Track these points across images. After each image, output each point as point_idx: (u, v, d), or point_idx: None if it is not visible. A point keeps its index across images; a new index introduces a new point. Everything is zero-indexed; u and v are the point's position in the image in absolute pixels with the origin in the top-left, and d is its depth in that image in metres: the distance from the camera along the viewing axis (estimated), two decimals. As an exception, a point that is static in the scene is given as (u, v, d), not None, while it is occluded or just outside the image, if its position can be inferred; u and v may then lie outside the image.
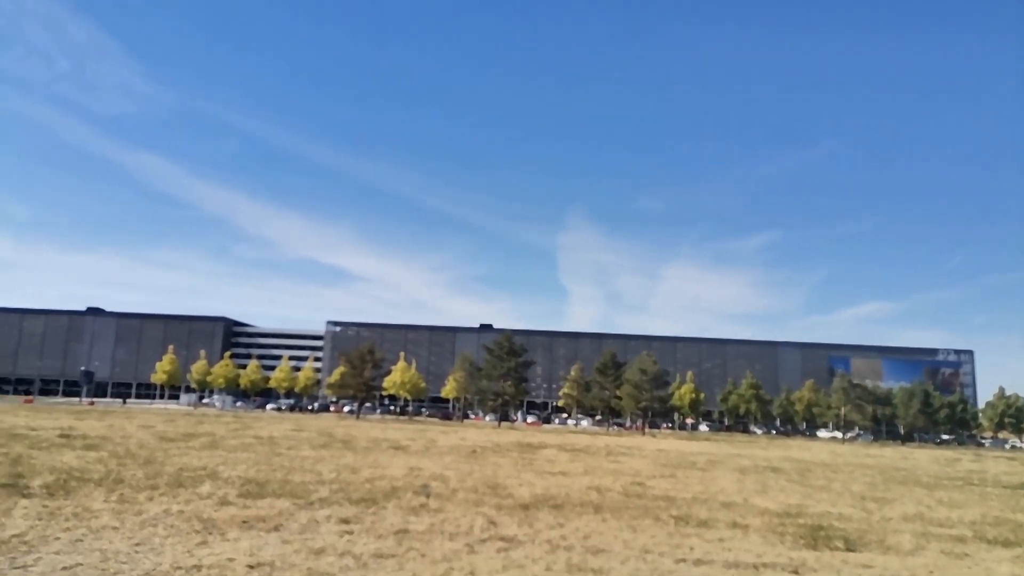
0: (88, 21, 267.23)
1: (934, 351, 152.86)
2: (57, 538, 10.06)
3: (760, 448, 56.14)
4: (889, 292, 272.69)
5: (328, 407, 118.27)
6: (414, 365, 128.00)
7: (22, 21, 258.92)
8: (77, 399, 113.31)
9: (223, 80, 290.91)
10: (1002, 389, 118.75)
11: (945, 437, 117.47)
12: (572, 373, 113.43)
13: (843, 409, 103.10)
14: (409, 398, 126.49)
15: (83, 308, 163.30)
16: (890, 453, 61.70)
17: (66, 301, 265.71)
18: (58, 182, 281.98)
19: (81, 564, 8.67)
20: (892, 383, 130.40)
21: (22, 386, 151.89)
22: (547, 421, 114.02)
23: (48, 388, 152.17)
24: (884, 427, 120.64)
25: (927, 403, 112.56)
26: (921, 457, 55.54)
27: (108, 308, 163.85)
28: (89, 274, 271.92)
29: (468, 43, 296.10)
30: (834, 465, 37.60)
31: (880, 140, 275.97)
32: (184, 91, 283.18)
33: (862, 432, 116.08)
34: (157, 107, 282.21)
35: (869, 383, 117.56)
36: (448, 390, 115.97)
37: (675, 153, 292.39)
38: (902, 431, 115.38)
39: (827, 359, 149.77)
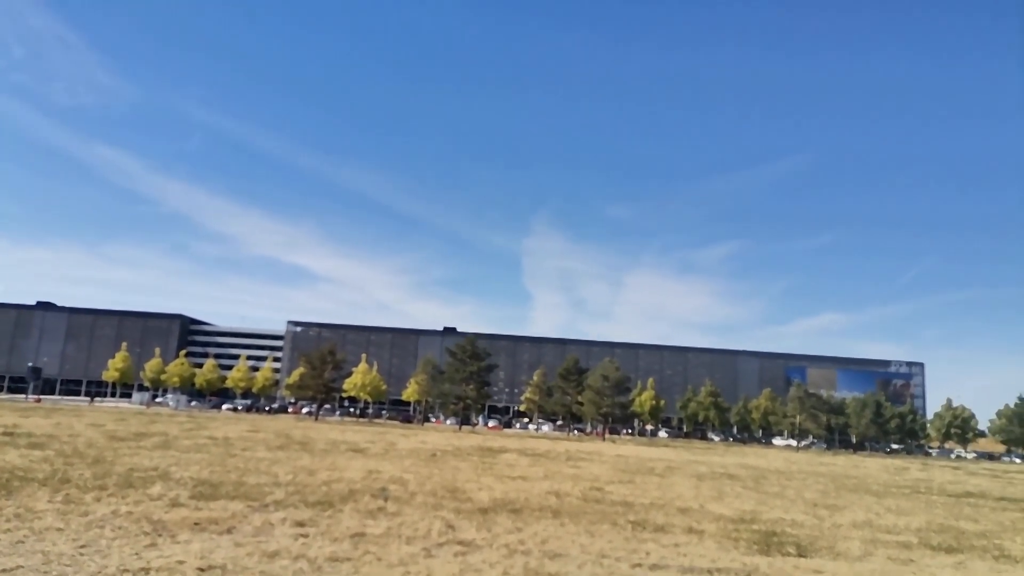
0: (46, 10, 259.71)
1: (887, 363, 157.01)
2: (-3, 540, 9.70)
3: (717, 455, 56.96)
4: (845, 304, 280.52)
5: (286, 408, 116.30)
6: (375, 367, 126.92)
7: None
8: (23, 396, 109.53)
9: (186, 75, 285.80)
10: (949, 401, 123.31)
11: (895, 446, 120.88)
12: (535, 378, 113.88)
13: (798, 418, 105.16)
14: (370, 400, 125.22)
15: (32, 302, 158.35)
16: (842, 461, 63.18)
17: (17, 295, 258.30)
18: (11, 173, 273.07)
19: (22, 567, 8.35)
20: (846, 393, 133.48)
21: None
22: (508, 426, 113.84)
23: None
24: (837, 436, 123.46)
25: (879, 413, 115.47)
26: (872, 466, 57.01)
27: (60, 303, 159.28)
28: (42, 268, 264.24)
29: (437, 47, 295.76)
30: (788, 472, 38.35)
31: (841, 158, 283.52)
32: (146, 85, 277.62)
33: (816, 440, 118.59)
34: (117, 100, 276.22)
35: (824, 393, 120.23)
36: (409, 393, 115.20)
37: (642, 163, 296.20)
38: (854, 440, 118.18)
39: (784, 369, 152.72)
